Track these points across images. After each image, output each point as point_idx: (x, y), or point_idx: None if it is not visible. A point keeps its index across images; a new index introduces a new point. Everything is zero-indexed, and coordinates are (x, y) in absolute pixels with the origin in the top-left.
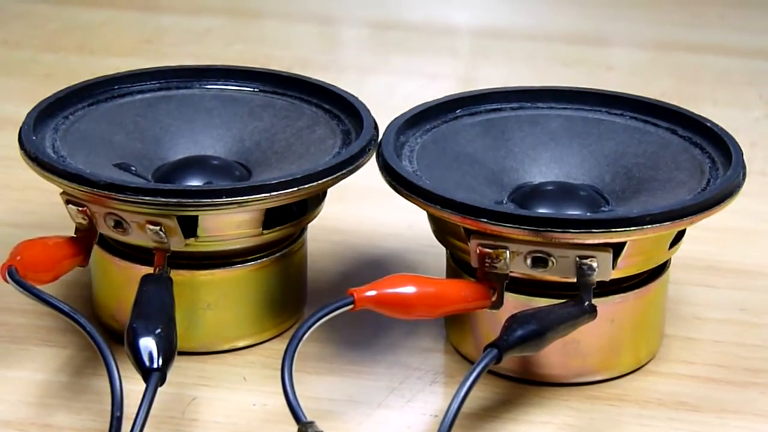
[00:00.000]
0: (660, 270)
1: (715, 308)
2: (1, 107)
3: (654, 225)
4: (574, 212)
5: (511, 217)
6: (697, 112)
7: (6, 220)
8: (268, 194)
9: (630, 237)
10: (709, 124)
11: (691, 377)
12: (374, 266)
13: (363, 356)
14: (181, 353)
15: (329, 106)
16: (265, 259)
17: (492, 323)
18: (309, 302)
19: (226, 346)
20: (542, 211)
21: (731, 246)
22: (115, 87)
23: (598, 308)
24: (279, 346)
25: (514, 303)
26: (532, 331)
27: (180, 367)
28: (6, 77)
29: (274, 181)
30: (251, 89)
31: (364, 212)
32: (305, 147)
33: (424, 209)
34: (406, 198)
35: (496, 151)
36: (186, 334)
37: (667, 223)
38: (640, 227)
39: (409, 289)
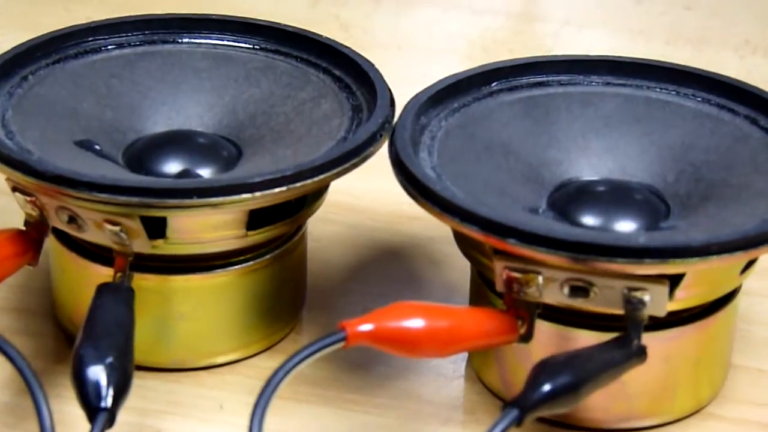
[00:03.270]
0: (728, 297)
1: None
2: None
3: (722, 255)
4: (625, 225)
5: (545, 239)
6: None
7: None
8: (248, 195)
9: (690, 268)
10: None
11: (759, 425)
12: (391, 258)
13: (365, 382)
14: (149, 369)
15: (340, 73)
16: (252, 262)
17: (519, 353)
18: (309, 304)
19: (203, 363)
20: (587, 221)
21: None
22: (89, 39)
23: (649, 345)
24: (267, 363)
25: (548, 333)
26: (564, 385)
27: (145, 388)
28: None
29: (256, 180)
30: (250, 46)
31: (390, 186)
32: (306, 126)
33: (441, 220)
34: (418, 204)
35: (538, 138)
36: (155, 349)
37: (739, 252)
38: (704, 257)
39: (415, 323)
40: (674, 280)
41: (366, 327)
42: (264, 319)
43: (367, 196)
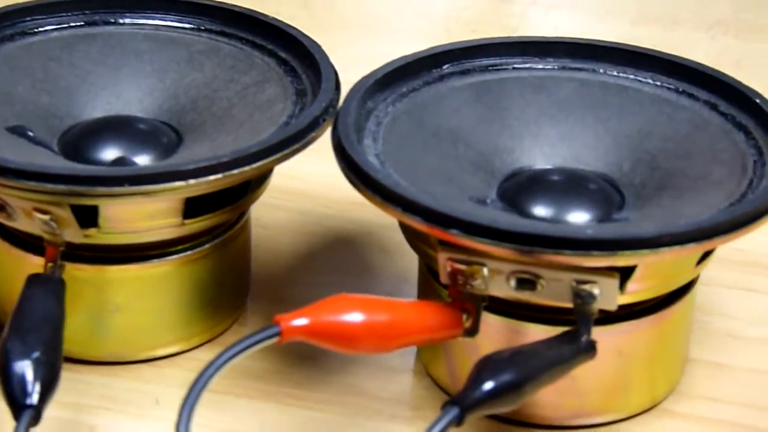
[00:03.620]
0: (684, 289)
1: (754, 322)
2: None
3: (673, 247)
4: (577, 216)
5: (489, 230)
6: (756, 47)
7: None
8: (182, 183)
9: (641, 260)
10: (758, 101)
11: (715, 422)
12: (342, 246)
13: (309, 376)
14: (86, 363)
15: (286, 55)
16: (191, 251)
17: (467, 346)
18: (255, 294)
19: (142, 356)
20: (537, 212)
21: None
22: (26, 19)
23: (601, 339)
24: (208, 355)
25: (496, 327)
26: (506, 383)
27: (81, 382)
28: None
29: (190, 167)
30: (194, 27)
31: None
32: (249, 112)
33: (383, 210)
34: (360, 192)
35: (489, 125)
36: (90, 342)
37: (691, 244)
38: (655, 249)
39: (354, 317)
40: (625, 273)
41: (301, 321)
42: (205, 310)
43: (320, 182)
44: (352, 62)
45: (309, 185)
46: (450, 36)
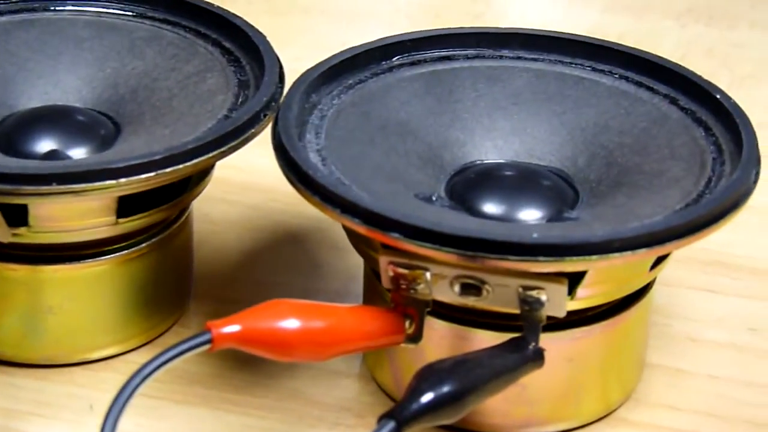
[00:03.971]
0: (639, 294)
1: (716, 325)
2: None
3: (624, 252)
4: (528, 214)
5: (430, 234)
6: (728, 35)
7: None
8: (113, 181)
9: (591, 266)
10: (719, 96)
11: (673, 431)
12: (293, 243)
13: (250, 380)
14: (19, 365)
15: (230, 45)
16: (127, 250)
17: (412, 352)
18: (198, 294)
19: (77, 359)
20: (487, 210)
21: (750, 232)
22: None
23: (551, 346)
24: (146, 359)
25: (442, 333)
26: (447, 394)
27: (13, 386)
28: None
29: (121, 165)
30: (136, 14)
31: None
32: (189, 103)
33: (321, 211)
34: (298, 192)
35: (439, 118)
36: (23, 344)
37: (642, 250)
38: (605, 255)
39: (289, 323)
40: (574, 278)
41: (233, 328)
42: (143, 311)
43: (272, 175)
44: (313, 49)
45: (261, 178)
46: (412, 23)
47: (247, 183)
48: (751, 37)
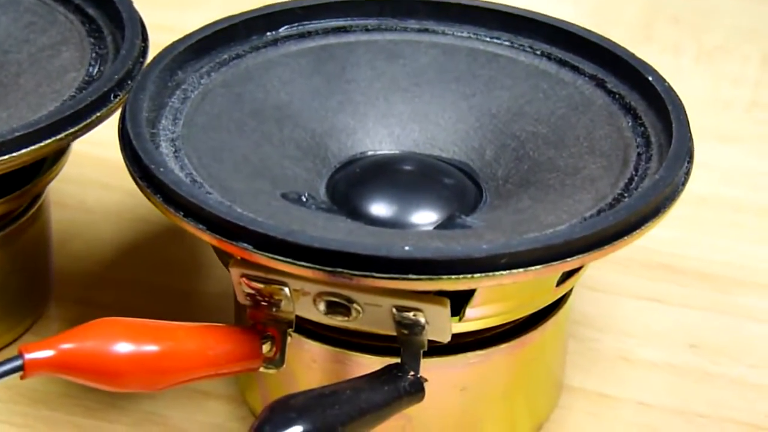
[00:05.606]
0: (547, 311)
1: (653, 341)
2: None
3: (513, 270)
4: (419, 217)
5: (285, 245)
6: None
7: None
8: None
9: (474, 285)
10: (651, 78)
11: None
12: (173, 235)
13: (103, 401)
14: None
15: (93, 12)
16: None
17: (282, 374)
18: (61, 295)
19: None
20: (371, 212)
21: (702, 230)
22: None
23: (439, 374)
24: None
25: (314, 355)
26: None
27: None
28: None
29: None
30: None
31: None
32: (36, 81)
33: (164, 214)
34: (140, 190)
35: (327, 100)
36: None
37: (536, 267)
38: (490, 274)
39: (117, 347)
40: (461, 297)
41: (45, 353)
42: None
43: None
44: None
45: None
46: None
47: None
48: (722, 3)
